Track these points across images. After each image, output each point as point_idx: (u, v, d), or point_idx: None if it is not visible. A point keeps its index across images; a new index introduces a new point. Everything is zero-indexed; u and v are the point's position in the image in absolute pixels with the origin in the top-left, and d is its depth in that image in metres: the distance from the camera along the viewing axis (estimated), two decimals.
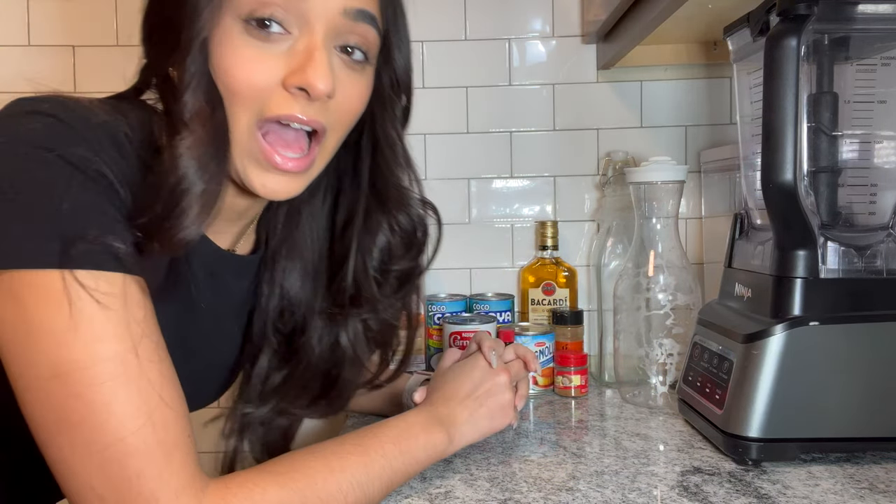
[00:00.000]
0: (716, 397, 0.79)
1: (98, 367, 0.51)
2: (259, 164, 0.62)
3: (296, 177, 0.63)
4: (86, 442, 0.51)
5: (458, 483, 0.73)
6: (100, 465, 0.52)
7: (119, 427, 0.52)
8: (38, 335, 0.51)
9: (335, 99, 0.62)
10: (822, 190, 0.80)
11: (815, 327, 0.74)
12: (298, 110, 0.60)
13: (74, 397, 0.51)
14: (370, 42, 0.65)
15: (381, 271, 0.75)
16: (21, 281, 0.51)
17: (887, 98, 0.80)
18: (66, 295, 0.51)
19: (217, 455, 0.76)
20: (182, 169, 0.56)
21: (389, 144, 0.72)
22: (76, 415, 0.51)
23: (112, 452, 0.51)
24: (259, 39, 0.59)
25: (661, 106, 1.32)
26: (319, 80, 0.59)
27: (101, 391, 0.51)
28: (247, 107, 0.60)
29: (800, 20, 0.71)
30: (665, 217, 1.00)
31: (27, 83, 0.61)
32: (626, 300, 1.02)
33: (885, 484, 0.70)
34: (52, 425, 0.52)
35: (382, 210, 0.73)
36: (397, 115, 0.72)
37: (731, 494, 0.68)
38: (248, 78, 0.59)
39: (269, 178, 0.62)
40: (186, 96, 0.57)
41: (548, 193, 1.34)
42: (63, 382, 0.51)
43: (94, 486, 0.52)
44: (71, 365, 0.51)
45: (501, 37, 1.33)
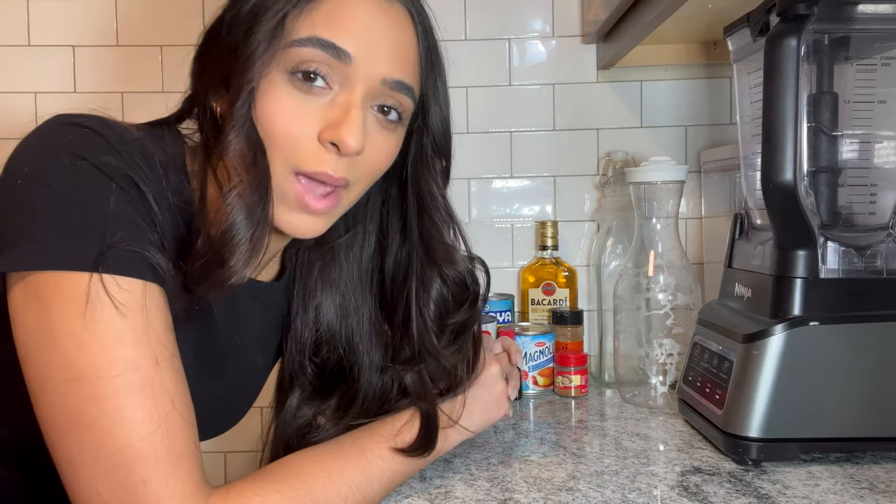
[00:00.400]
0: (716, 397, 0.79)
1: (114, 372, 0.53)
2: (289, 206, 0.64)
3: (320, 217, 0.65)
4: (95, 445, 0.52)
5: (458, 483, 0.73)
6: (107, 469, 0.52)
7: (129, 432, 0.52)
8: (58, 336, 0.52)
9: (364, 154, 0.65)
10: (822, 190, 0.80)
11: (815, 327, 0.74)
12: (330, 168, 0.62)
13: (88, 400, 0.52)
14: (405, 107, 0.68)
15: (438, 324, 0.77)
16: (46, 283, 0.53)
17: (887, 98, 0.80)
18: (89, 298, 0.52)
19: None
20: (232, 217, 0.59)
21: (433, 202, 0.75)
22: (88, 417, 0.52)
23: (120, 457, 0.52)
24: (302, 91, 0.62)
25: (661, 106, 1.31)
26: (352, 137, 0.61)
27: (114, 396, 0.52)
28: (283, 154, 0.62)
29: (800, 20, 0.71)
30: (665, 217, 1.00)
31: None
32: (626, 300, 1.02)
33: (885, 484, 0.70)
34: (63, 427, 0.53)
35: (433, 265, 0.77)
36: (439, 175, 0.76)
37: (731, 494, 0.68)
38: (286, 126, 0.61)
39: (297, 217, 0.64)
40: (231, 136, 0.60)
41: (548, 193, 1.34)
42: (78, 385, 0.52)
43: (100, 491, 0.53)
44: (87, 368, 0.52)
45: (501, 37, 1.33)
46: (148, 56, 1.31)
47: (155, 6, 1.33)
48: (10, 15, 1.33)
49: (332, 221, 0.68)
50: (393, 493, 0.70)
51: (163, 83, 1.31)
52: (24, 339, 0.54)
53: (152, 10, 1.33)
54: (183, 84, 0.69)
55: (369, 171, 0.67)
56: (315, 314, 0.79)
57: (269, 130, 0.61)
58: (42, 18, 1.33)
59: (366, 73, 0.63)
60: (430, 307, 0.77)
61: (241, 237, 0.59)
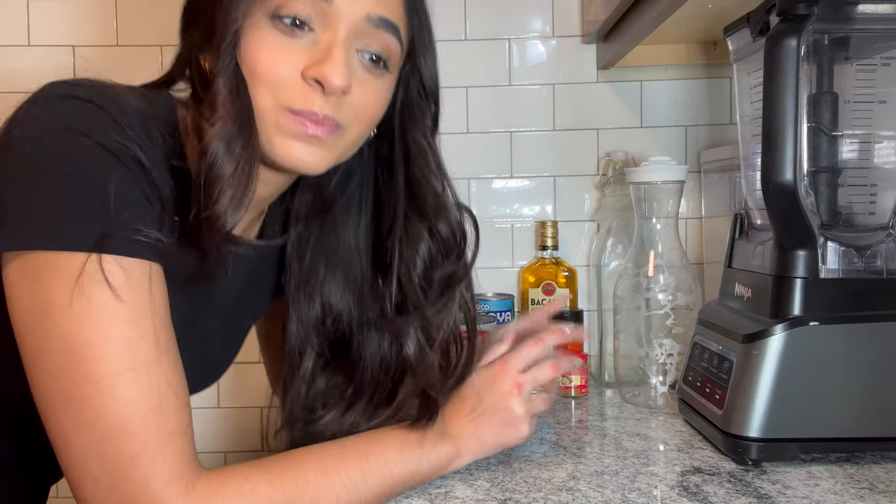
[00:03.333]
0: (716, 397, 0.79)
1: (109, 351, 0.53)
2: (287, 135, 0.63)
3: (321, 145, 0.64)
4: (88, 422, 0.53)
5: (458, 483, 0.73)
6: (98, 446, 0.53)
7: (122, 411, 0.53)
8: (56, 314, 0.53)
9: (351, 97, 0.64)
10: (822, 190, 0.80)
11: (815, 327, 0.74)
12: (317, 106, 0.62)
13: (82, 377, 0.53)
14: (391, 51, 0.67)
15: (425, 278, 0.76)
16: (45, 262, 0.53)
17: (887, 98, 0.80)
18: (88, 278, 0.53)
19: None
20: (211, 155, 0.59)
21: (421, 153, 0.74)
22: (82, 395, 0.53)
23: (111, 435, 0.53)
24: (284, 33, 0.62)
25: (661, 106, 1.31)
26: (335, 75, 0.61)
27: (109, 374, 0.53)
28: (270, 93, 0.62)
29: (800, 20, 0.71)
30: (665, 217, 1.00)
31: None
32: (626, 300, 1.02)
33: (885, 484, 0.70)
34: (57, 402, 0.54)
35: (421, 218, 0.75)
36: (427, 124, 0.75)
37: (731, 494, 0.68)
38: (270, 64, 0.61)
39: (297, 147, 0.63)
40: (218, 82, 0.60)
41: (548, 193, 1.34)
42: (74, 362, 0.53)
43: (90, 466, 0.54)
44: (83, 345, 0.53)
45: (501, 37, 1.33)
46: (148, 56, 1.31)
47: (155, 6, 1.33)
48: (10, 15, 1.33)
49: (330, 159, 0.66)
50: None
51: None
52: (20, 314, 0.55)
53: (152, 10, 1.33)
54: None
55: (360, 116, 0.66)
56: (320, 292, 0.78)
57: (253, 69, 0.61)
58: (42, 18, 1.33)
59: (348, 10, 0.63)
60: (416, 261, 0.75)
61: (223, 175, 0.59)
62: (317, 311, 0.78)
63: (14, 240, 0.54)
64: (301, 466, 0.62)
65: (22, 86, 0.62)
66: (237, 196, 0.60)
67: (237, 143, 0.60)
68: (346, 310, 0.78)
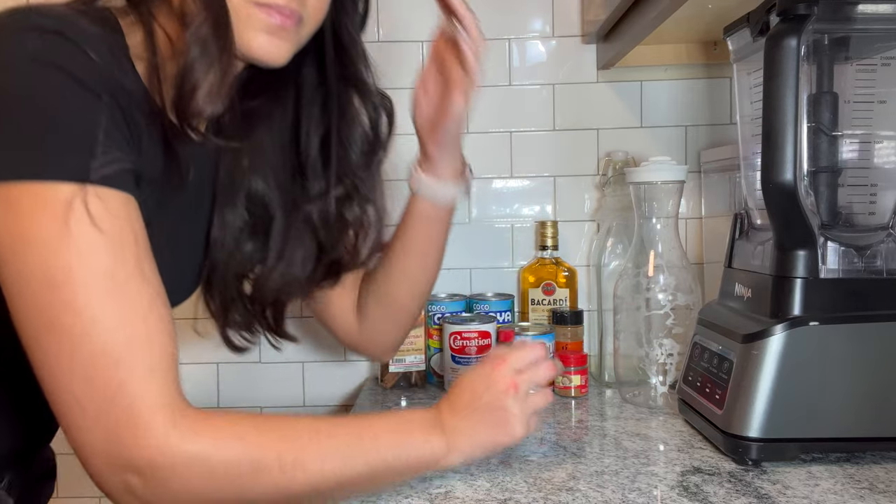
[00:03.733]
0: (716, 397, 0.79)
1: (90, 278, 0.53)
2: (256, 27, 0.65)
3: (286, 37, 0.67)
4: (72, 349, 0.53)
5: (458, 483, 0.73)
6: (83, 373, 0.53)
7: (106, 338, 0.53)
8: (34, 242, 0.53)
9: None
10: (822, 190, 0.80)
11: (815, 327, 0.74)
12: (283, 0, 0.65)
13: (63, 304, 0.53)
14: None
15: (361, 153, 0.83)
16: (20, 192, 0.53)
17: (887, 98, 0.80)
18: (66, 207, 0.53)
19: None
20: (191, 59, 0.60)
21: (352, 44, 0.80)
22: (64, 322, 0.53)
23: (96, 362, 0.53)
24: None
25: (661, 106, 1.31)
26: None
27: (90, 301, 0.53)
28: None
29: (800, 20, 0.71)
30: (665, 217, 1.00)
31: None
32: (626, 300, 1.02)
33: (885, 484, 0.70)
34: (40, 331, 0.54)
35: (350, 102, 0.81)
36: (356, 20, 0.81)
37: (731, 494, 0.68)
38: None
39: (269, 41, 0.66)
40: None
41: (548, 193, 1.34)
42: (54, 289, 0.53)
43: (76, 393, 0.54)
44: (64, 273, 0.53)
45: (501, 37, 1.33)
46: None
47: None
48: None
49: (291, 51, 0.69)
50: (393, 493, 0.70)
51: None
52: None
53: None
54: None
55: (314, 11, 0.70)
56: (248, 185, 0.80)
57: None
58: None
59: None
60: (354, 137, 0.82)
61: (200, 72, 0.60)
62: (242, 200, 0.81)
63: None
64: (293, 424, 0.61)
65: None
66: (214, 89, 0.62)
67: (214, 44, 0.61)
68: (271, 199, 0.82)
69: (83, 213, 0.53)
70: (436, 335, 1.19)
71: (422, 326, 1.18)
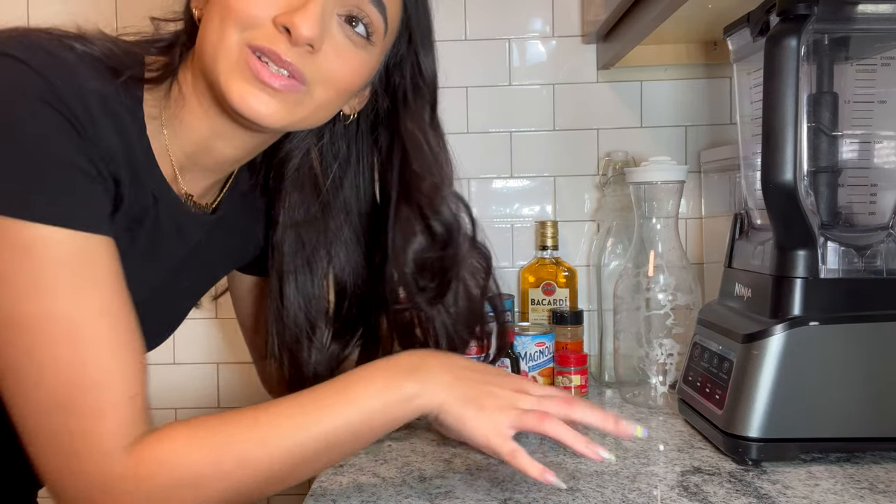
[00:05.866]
0: (716, 397, 0.79)
1: (47, 325, 0.53)
2: (242, 77, 0.62)
3: (277, 97, 0.62)
4: (25, 392, 0.54)
5: (458, 483, 0.73)
6: (34, 415, 0.54)
7: (54, 383, 0.54)
8: (2, 286, 0.53)
9: (323, 56, 0.63)
10: (822, 190, 0.80)
11: (815, 327, 0.74)
12: (282, 49, 0.61)
13: (21, 350, 0.53)
14: (375, 25, 0.66)
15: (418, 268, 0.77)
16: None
17: (887, 98, 0.80)
18: (34, 248, 0.52)
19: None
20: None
21: (415, 144, 0.74)
22: (20, 365, 0.54)
23: (45, 406, 0.54)
24: None
25: (661, 106, 1.31)
26: (304, 24, 0.60)
27: (44, 347, 0.53)
28: (238, 28, 0.62)
29: (800, 20, 0.71)
30: (665, 217, 1.00)
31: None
32: (626, 300, 1.02)
33: (885, 484, 0.70)
34: (5, 371, 0.54)
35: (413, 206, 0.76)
36: (424, 116, 0.76)
37: (731, 494, 0.68)
38: (245, 3, 0.61)
39: (249, 91, 0.62)
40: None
41: (548, 193, 1.34)
42: (15, 334, 0.53)
43: (31, 433, 0.55)
44: (25, 319, 0.53)
45: (501, 37, 1.33)
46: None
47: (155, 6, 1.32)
48: (10, 14, 1.32)
49: (290, 116, 0.64)
50: (393, 493, 0.70)
51: None
52: None
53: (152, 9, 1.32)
54: None
55: (329, 76, 0.65)
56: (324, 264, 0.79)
57: (228, 5, 0.61)
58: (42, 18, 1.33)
59: None
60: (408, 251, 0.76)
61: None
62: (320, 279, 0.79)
63: None
64: (230, 422, 0.60)
65: None
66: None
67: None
68: (352, 283, 0.80)
69: (49, 256, 0.53)
70: None
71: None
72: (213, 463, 0.57)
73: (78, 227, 0.54)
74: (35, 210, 0.53)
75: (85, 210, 0.55)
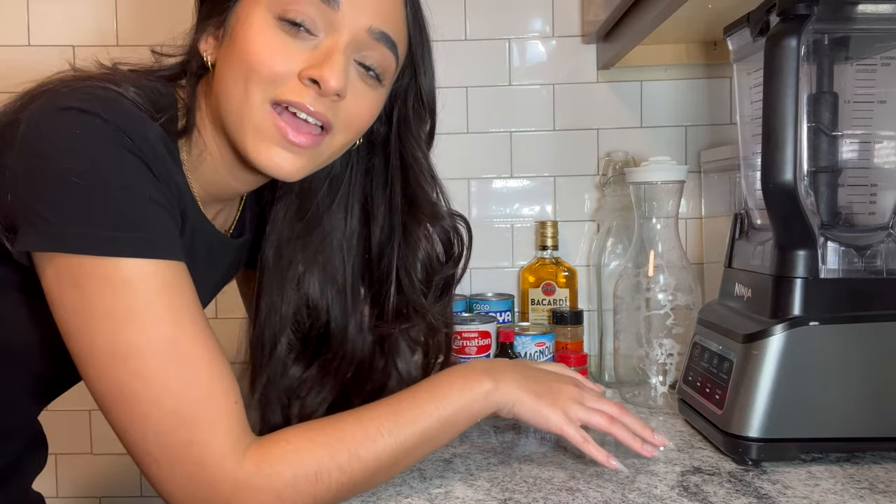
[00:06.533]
0: (716, 397, 0.79)
1: (153, 349, 0.57)
2: (269, 139, 0.66)
3: (303, 154, 0.67)
4: (143, 414, 0.58)
5: (458, 483, 0.73)
6: (154, 434, 0.58)
7: (172, 401, 0.58)
8: (100, 320, 0.57)
9: (345, 102, 0.67)
10: (822, 190, 0.80)
11: (815, 327, 0.74)
12: (309, 101, 0.65)
13: (132, 375, 0.57)
14: (387, 65, 0.70)
15: (425, 283, 0.81)
16: (81, 267, 0.57)
17: (887, 98, 0.80)
18: (126, 283, 0.57)
19: None
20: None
21: (417, 163, 0.79)
22: (133, 390, 0.57)
23: (166, 424, 0.58)
24: (288, 34, 0.65)
25: (661, 106, 1.31)
26: (333, 77, 0.64)
27: (155, 370, 0.57)
28: (262, 86, 0.65)
29: (800, 20, 0.71)
30: (665, 217, 1.00)
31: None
32: (626, 300, 1.02)
33: (885, 484, 0.70)
34: (112, 398, 0.58)
35: (418, 224, 0.80)
36: (423, 138, 0.80)
37: (731, 494, 0.68)
38: (270, 59, 0.64)
39: (278, 153, 0.66)
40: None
41: (548, 193, 1.34)
42: (122, 362, 0.57)
43: (151, 452, 0.59)
44: (129, 347, 0.57)
45: (501, 37, 1.33)
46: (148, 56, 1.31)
47: (155, 6, 1.33)
48: (10, 15, 1.33)
49: (311, 166, 0.70)
50: (393, 493, 0.70)
51: None
52: (64, 317, 0.58)
53: (152, 10, 1.33)
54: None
55: (351, 121, 0.69)
56: (296, 286, 0.81)
57: (251, 63, 0.65)
58: (42, 18, 1.33)
59: (352, 21, 0.66)
60: (416, 266, 0.80)
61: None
62: (292, 308, 0.81)
63: (50, 241, 0.57)
64: (339, 420, 0.65)
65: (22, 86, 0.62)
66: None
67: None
68: (324, 306, 0.82)
69: (142, 286, 0.57)
70: None
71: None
72: (330, 458, 0.62)
73: (165, 257, 0.59)
74: (126, 246, 0.57)
75: (168, 241, 0.60)
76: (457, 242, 0.83)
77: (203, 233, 0.74)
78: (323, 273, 0.81)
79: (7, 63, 1.31)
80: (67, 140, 0.58)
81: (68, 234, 0.56)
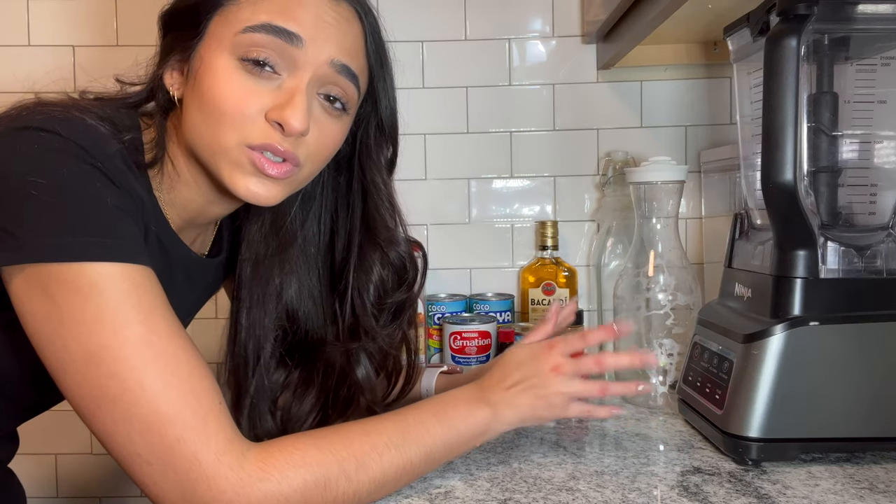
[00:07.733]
0: (716, 397, 0.79)
1: (127, 349, 0.57)
2: (245, 171, 0.69)
3: (277, 183, 0.70)
4: (125, 415, 0.57)
5: (458, 483, 0.73)
6: (141, 434, 0.57)
7: (153, 399, 0.57)
8: (70, 325, 0.57)
9: (310, 137, 0.70)
10: (822, 190, 0.80)
11: (815, 327, 0.74)
12: (277, 141, 0.67)
13: (108, 377, 0.57)
14: (349, 96, 0.73)
15: (377, 305, 0.83)
16: (48, 275, 0.57)
17: (887, 98, 0.80)
18: (94, 287, 0.57)
19: None
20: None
21: (377, 190, 0.81)
22: (112, 392, 0.57)
23: (150, 423, 0.57)
24: (251, 74, 0.67)
25: (661, 106, 1.31)
26: (295, 119, 0.67)
27: (132, 370, 0.57)
28: (233, 129, 0.67)
29: (800, 20, 0.71)
30: (665, 217, 1.00)
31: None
32: (626, 300, 1.02)
33: (885, 484, 0.70)
34: (91, 403, 0.58)
35: (374, 248, 0.82)
36: (383, 164, 0.82)
37: (731, 494, 0.68)
38: (238, 103, 0.67)
39: (254, 182, 0.69)
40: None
41: (548, 193, 1.34)
42: (97, 365, 0.57)
43: (140, 454, 0.58)
44: (102, 350, 0.57)
45: (501, 37, 1.33)
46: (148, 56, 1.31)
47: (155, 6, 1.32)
48: (10, 15, 1.33)
49: (287, 192, 0.72)
50: (393, 493, 0.70)
51: None
52: (35, 328, 0.58)
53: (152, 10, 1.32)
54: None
55: (317, 153, 0.72)
56: (276, 298, 0.82)
57: (219, 108, 0.67)
58: (42, 18, 1.33)
59: (314, 57, 0.68)
60: (369, 288, 0.82)
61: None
62: (273, 316, 0.82)
63: (16, 254, 0.57)
64: (345, 430, 0.65)
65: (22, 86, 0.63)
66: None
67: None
68: (303, 314, 0.84)
69: (109, 289, 0.57)
70: (436, 335, 1.19)
71: (422, 326, 1.18)
72: (339, 465, 0.62)
73: (132, 261, 0.59)
74: (92, 251, 0.57)
75: (133, 246, 0.60)
76: (411, 269, 0.85)
77: (179, 256, 0.76)
78: (300, 284, 0.83)
79: (7, 63, 1.31)
80: (26, 158, 0.59)
81: (34, 245, 0.57)
